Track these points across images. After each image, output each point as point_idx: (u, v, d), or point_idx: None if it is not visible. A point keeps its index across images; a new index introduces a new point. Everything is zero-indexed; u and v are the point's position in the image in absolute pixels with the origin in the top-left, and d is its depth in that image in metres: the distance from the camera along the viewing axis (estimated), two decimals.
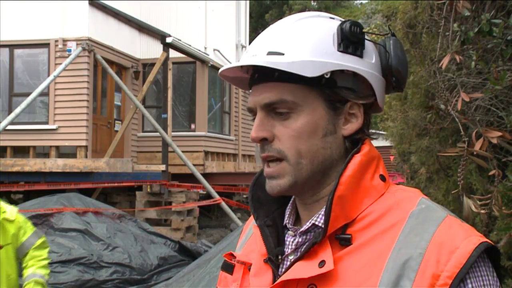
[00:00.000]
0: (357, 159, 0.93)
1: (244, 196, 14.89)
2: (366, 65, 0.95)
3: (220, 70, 1.00)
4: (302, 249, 0.94)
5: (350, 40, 0.93)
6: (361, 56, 0.95)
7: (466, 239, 0.84)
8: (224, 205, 10.05)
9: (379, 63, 0.99)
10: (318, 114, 0.94)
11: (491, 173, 2.01)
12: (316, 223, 0.95)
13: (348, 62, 0.93)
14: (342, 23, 0.95)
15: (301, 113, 0.93)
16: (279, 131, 0.94)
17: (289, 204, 1.04)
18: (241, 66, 0.99)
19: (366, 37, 0.96)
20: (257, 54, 0.94)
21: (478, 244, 0.83)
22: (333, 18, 0.99)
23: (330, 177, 0.96)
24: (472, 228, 0.89)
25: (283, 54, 0.91)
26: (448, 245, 0.83)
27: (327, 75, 0.91)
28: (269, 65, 0.90)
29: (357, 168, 0.92)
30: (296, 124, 0.93)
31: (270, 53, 0.92)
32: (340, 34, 0.93)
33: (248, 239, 1.10)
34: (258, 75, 0.96)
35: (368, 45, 0.97)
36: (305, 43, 0.92)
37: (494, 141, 1.89)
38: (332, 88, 0.93)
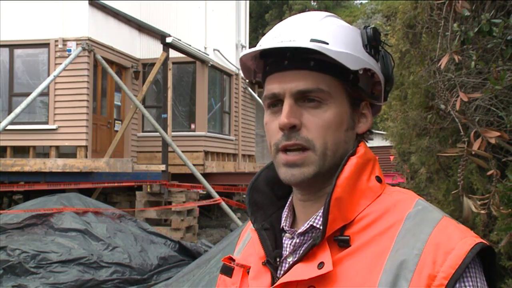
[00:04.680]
0: (353, 161, 0.94)
1: (244, 196, 14.85)
2: (379, 70, 1.00)
3: (241, 54, 0.99)
4: (301, 251, 0.95)
5: (372, 44, 0.98)
6: (377, 60, 1.00)
7: (462, 240, 0.85)
8: (224, 205, 10.05)
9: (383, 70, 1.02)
10: (344, 107, 0.96)
11: (489, 173, 2.01)
12: (314, 224, 0.95)
13: (372, 64, 0.98)
14: (365, 27, 0.99)
15: (331, 104, 0.94)
16: (307, 119, 0.94)
17: (286, 207, 1.04)
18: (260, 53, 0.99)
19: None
20: (296, 40, 0.93)
21: (473, 245, 0.84)
22: None
23: None
24: (467, 229, 0.90)
25: (327, 44, 0.92)
26: (444, 246, 0.84)
27: (361, 71, 0.95)
28: (322, 50, 0.90)
29: (354, 170, 0.93)
30: (326, 114, 0.94)
31: (313, 41, 0.92)
32: (366, 36, 0.98)
33: (246, 244, 1.11)
34: (289, 62, 0.94)
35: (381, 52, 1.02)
36: (345, 37, 0.95)
37: (492, 141, 1.88)
38: (354, 86, 0.97)
